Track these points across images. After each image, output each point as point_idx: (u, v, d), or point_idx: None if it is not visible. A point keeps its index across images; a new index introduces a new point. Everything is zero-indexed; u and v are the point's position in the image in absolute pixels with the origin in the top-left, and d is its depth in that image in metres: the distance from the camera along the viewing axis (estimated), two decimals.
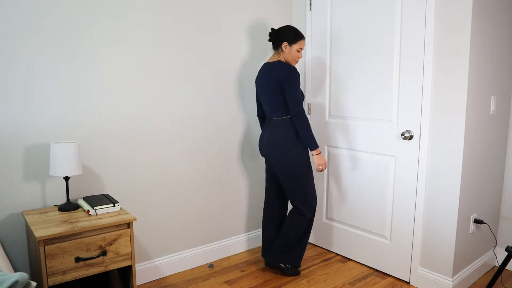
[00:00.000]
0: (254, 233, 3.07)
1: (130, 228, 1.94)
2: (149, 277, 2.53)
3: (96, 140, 2.24)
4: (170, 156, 2.55)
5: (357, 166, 2.73)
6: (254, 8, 2.83)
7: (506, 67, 2.52)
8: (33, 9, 1.97)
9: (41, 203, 2.10)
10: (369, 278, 2.59)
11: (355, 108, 2.70)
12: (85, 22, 2.13)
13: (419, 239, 2.44)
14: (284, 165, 2.43)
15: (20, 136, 2.00)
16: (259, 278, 2.59)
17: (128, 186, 2.39)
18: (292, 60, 2.44)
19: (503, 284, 2.51)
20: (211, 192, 2.79)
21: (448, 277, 2.34)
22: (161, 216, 2.55)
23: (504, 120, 2.62)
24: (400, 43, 2.39)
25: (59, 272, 1.76)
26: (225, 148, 2.82)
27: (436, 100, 2.28)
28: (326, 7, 2.80)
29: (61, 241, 1.76)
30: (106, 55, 2.22)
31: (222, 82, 2.73)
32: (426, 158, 2.35)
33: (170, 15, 2.43)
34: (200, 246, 2.78)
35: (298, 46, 2.42)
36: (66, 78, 2.11)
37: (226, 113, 2.78)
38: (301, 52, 2.45)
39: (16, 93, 1.97)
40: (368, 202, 2.69)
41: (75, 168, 1.97)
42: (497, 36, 2.37)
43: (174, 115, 2.53)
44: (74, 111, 2.15)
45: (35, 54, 2.00)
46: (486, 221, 2.55)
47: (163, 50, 2.43)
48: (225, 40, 2.71)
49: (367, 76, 2.60)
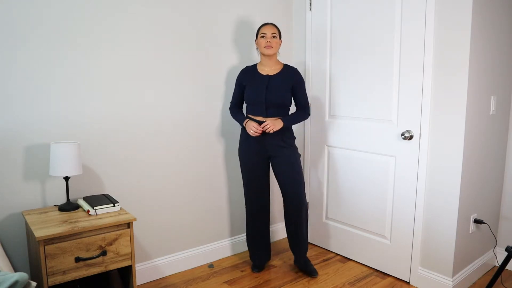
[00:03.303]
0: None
1: (130, 228, 1.94)
2: (149, 277, 2.53)
3: (96, 140, 2.24)
4: (170, 156, 2.55)
5: (357, 166, 2.73)
6: (254, 8, 2.83)
7: (506, 67, 2.52)
8: (33, 9, 1.97)
9: (41, 203, 2.10)
10: (369, 278, 2.59)
11: (355, 108, 2.70)
12: (86, 23, 2.13)
13: (419, 239, 2.44)
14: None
15: (20, 136, 2.00)
16: (259, 278, 2.59)
17: (128, 186, 2.39)
18: (262, 50, 2.44)
19: (503, 284, 2.51)
20: (211, 192, 2.79)
21: (448, 277, 2.34)
22: (161, 216, 2.55)
23: (504, 120, 2.62)
24: (400, 43, 2.39)
25: (59, 272, 1.76)
26: (225, 148, 2.82)
27: (436, 100, 2.28)
28: (326, 7, 2.80)
29: (61, 241, 1.76)
30: (106, 56, 2.22)
31: (222, 84, 2.73)
32: (426, 158, 2.35)
33: (170, 15, 2.43)
34: (200, 246, 2.78)
35: (260, 35, 2.44)
36: (66, 78, 2.11)
37: (227, 114, 2.78)
38: (265, 37, 2.41)
39: (16, 93, 1.97)
40: (368, 202, 2.69)
41: (75, 168, 1.97)
42: (497, 36, 2.37)
43: (174, 116, 2.53)
44: (74, 111, 2.15)
45: (35, 54, 2.00)
46: (486, 221, 2.55)
47: (164, 50, 2.43)
48: (225, 40, 2.71)
49: (367, 76, 2.60)
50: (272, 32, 2.42)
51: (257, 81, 2.48)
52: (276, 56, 2.51)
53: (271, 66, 2.50)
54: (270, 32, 2.42)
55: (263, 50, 2.43)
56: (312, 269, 2.61)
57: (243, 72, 2.57)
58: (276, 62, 2.51)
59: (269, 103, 2.43)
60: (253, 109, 2.49)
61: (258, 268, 2.68)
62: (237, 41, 2.77)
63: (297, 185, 2.50)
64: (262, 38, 2.43)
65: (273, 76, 2.47)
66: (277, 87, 2.44)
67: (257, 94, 2.44)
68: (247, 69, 2.56)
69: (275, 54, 2.48)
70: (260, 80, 2.47)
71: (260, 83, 2.47)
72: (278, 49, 2.49)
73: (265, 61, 2.50)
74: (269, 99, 2.43)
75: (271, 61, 2.49)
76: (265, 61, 2.49)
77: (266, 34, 2.41)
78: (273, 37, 2.42)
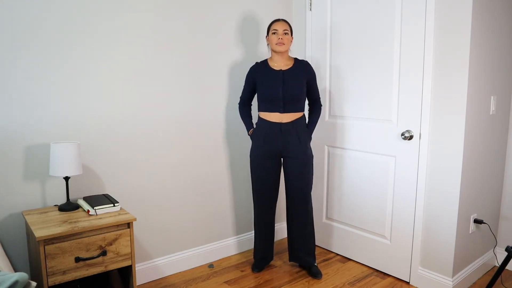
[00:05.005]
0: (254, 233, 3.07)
1: (130, 228, 1.94)
2: (149, 277, 2.53)
3: (96, 140, 2.24)
4: (171, 156, 2.55)
5: (357, 166, 2.73)
6: (254, 8, 2.83)
7: (506, 67, 2.52)
8: (33, 9, 1.97)
9: (41, 203, 2.10)
10: (369, 278, 2.59)
11: (355, 108, 2.70)
12: (86, 23, 2.13)
13: (419, 239, 2.44)
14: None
15: (20, 136, 2.00)
16: (259, 278, 2.59)
17: (128, 186, 2.39)
18: (273, 47, 2.41)
19: (503, 284, 2.51)
20: (212, 192, 2.79)
21: (448, 277, 2.34)
22: (161, 215, 2.55)
23: (504, 120, 2.62)
24: (400, 43, 2.39)
25: (59, 272, 1.76)
26: (226, 148, 2.82)
27: (436, 100, 2.28)
28: (326, 7, 2.80)
29: (61, 241, 1.76)
30: (106, 56, 2.22)
31: (223, 84, 2.73)
32: (426, 158, 2.35)
33: (170, 16, 2.43)
34: (200, 246, 2.78)
35: (271, 31, 2.41)
36: (66, 79, 2.11)
37: (227, 114, 2.78)
38: (277, 34, 2.38)
39: (16, 93, 1.97)
40: (368, 202, 2.69)
41: (75, 168, 1.97)
42: (497, 36, 2.37)
43: (174, 116, 2.53)
44: (74, 111, 2.15)
45: (35, 54, 2.00)
46: (486, 221, 2.55)
47: (164, 50, 2.43)
48: (225, 40, 2.71)
49: (367, 76, 2.60)
50: (284, 29, 2.38)
51: (271, 77, 2.43)
52: (288, 52, 2.48)
53: (284, 61, 2.45)
54: (282, 28, 2.38)
55: (275, 47, 2.39)
56: (317, 271, 2.61)
57: (254, 68, 2.52)
58: (288, 57, 2.48)
59: (287, 99, 2.39)
60: (269, 106, 2.43)
61: (258, 268, 2.68)
62: (237, 41, 2.77)
63: (305, 187, 2.50)
64: (273, 35, 2.39)
65: (286, 71, 2.43)
66: (293, 82, 2.40)
67: (273, 90, 2.40)
68: (258, 66, 2.52)
69: (286, 51, 2.45)
70: (274, 76, 2.42)
71: (275, 79, 2.42)
72: (290, 45, 2.45)
73: (276, 57, 2.46)
74: (286, 95, 2.39)
75: (283, 57, 2.45)
76: (276, 58, 2.46)
77: (277, 30, 2.38)
78: (284, 33, 2.38)
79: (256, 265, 2.69)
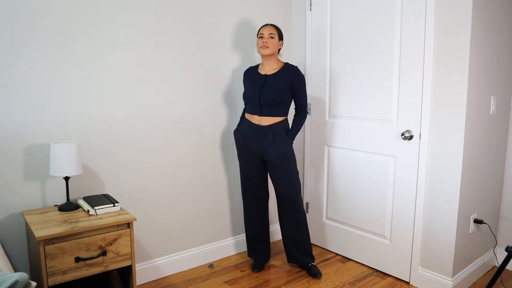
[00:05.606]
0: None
1: (130, 228, 1.94)
2: (149, 277, 2.53)
3: (96, 140, 2.24)
4: (171, 156, 2.55)
5: (357, 166, 2.73)
6: (254, 8, 2.83)
7: (506, 67, 2.52)
8: (33, 9, 1.97)
9: (41, 203, 2.10)
10: (369, 278, 2.59)
11: (355, 108, 2.70)
12: (86, 23, 2.13)
13: (419, 239, 2.44)
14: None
15: (20, 136, 2.00)
16: (259, 278, 2.59)
17: (128, 186, 2.39)
18: (258, 50, 2.46)
19: (503, 284, 2.51)
20: (211, 192, 2.79)
21: (448, 277, 2.34)
22: (161, 215, 2.55)
23: (504, 120, 2.62)
24: (400, 43, 2.39)
25: (59, 272, 1.76)
26: (226, 148, 2.82)
27: (436, 100, 2.28)
28: (326, 7, 2.80)
29: (61, 241, 1.76)
30: (106, 56, 2.22)
31: (222, 85, 2.73)
32: (426, 158, 2.35)
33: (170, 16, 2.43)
34: (200, 246, 2.78)
35: (258, 35, 2.47)
36: (66, 78, 2.11)
37: (227, 114, 2.78)
38: (262, 38, 2.43)
39: (16, 93, 1.97)
40: (368, 202, 2.69)
41: (75, 168, 1.97)
42: (497, 36, 2.37)
43: (174, 116, 2.53)
44: (74, 111, 2.15)
45: (35, 54, 2.00)
46: (486, 221, 2.55)
47: (164, 51, 2.43)
48: (225, 40, 2.71)
49: (367, 76, 2.60)
50: (270, 33, 2.43)
51: (254, 80, 2.51)
52: (276, 56, 2.51)
53: (271, 66, 2.50)
54: (267, 32, 2.43)
55: (259, 50, 2.46)
56: (316, 271, 2.61)
57: (246, 71, 2.63)
58: (276, 62, 2.51)
59: (263, 102, 2.44)
60: (250, 108, 2.53)
61: (258, 268, 2.68)
62: (237, 41, 2.77)
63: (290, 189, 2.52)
64: (259, 39, 2.45)
65: (270, 75, 2.48)
66: (272, 86, 2.44)
67: (252, 93, 2.47)
68: (250, 70, 2.61)
69: (274, 54, 2.48)
70: (257, 80, 2.50)
71: (256, 83, 2.49)
72: (277, 49, 2.49)
73: (264, 61, 2.51)
74: (263, 99, 2.44)
75: (271, 61, 2.50)
76: (265, 61, 2.51)
77: (263, 34, 2.43)
78: (270, 37, 2.42)
79: (256, 265, 2.70)
